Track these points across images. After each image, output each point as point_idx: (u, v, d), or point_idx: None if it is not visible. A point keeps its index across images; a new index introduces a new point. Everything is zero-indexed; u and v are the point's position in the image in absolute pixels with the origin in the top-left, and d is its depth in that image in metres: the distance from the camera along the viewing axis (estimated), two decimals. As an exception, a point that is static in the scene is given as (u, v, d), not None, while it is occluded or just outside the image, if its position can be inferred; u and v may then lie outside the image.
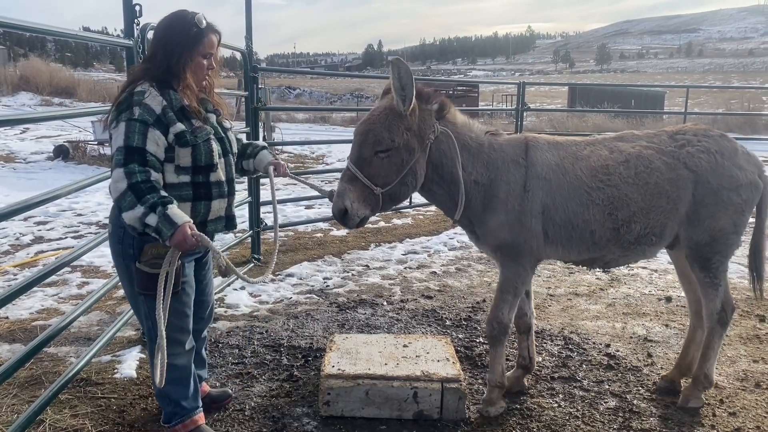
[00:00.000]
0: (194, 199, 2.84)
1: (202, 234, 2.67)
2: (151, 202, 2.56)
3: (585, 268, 3.59)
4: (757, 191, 3.39)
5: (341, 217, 3.07)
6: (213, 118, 2.98)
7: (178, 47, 2.77)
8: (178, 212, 2.61)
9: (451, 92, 34.42)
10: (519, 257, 3.31)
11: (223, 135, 2.99)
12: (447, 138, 3.18)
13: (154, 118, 2.67)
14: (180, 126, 2.74)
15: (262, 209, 6.56)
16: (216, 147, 2.88)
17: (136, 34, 3.97)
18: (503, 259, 3.36)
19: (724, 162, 3.31)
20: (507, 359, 4.07)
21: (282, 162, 3.24)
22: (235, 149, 3.11)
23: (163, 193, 2.64)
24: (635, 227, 3.29)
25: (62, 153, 13.79)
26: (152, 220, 2.55)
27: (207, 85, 2.98)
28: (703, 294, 3.51)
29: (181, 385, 3.03)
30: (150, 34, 4.09)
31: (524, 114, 9.86)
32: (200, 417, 3.14)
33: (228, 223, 3.03)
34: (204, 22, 2.82)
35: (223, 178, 2.92)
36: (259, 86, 6.80)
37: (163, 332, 2.67)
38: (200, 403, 3.18)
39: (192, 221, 2.64)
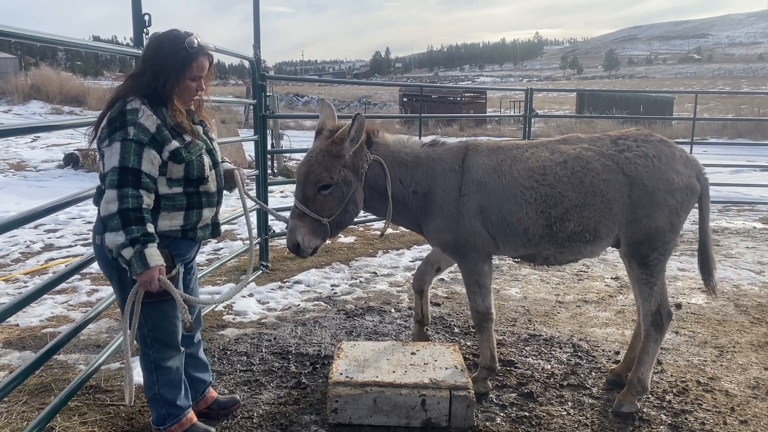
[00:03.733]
0: (188, 208, 2.88)
1: (169, 282, 2.71)
2: (133, 237, 2.59)
3: (530, 264, 3.84)
4: (693, 193, 3.52)
5: (295, 250, 3.39)
6: (200, 130, 2.98)
7: (165, 70, 2.74)
8: (155, 254, 2.65)
9: (458, 99, 34.42)
10: (466, 254, 3.57)
11: (211, 147, 3.02)
12: (379, 163, 3.51)
13: (149, 138, 2.66)
14: (175, 143, 2.74)
15: (269, 217, 6.57)
16: (207, 160, 2.92)
17: (145, 43, 4.00)
18: (453, 257, 3.67)
19: (660, 166, 3.45)
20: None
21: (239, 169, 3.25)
22: (220, 159, 3.13)
23: (149, 228, 2.65)
24: (568, 225, 3.47)
25: (72, 161, 13.89)
26: (128, 253, 2.59)
27: (195, 103, 2.98)
28: (639, 293, 3.58)
29: (174, 386, 3.08)
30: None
31: (532, 120, 9.85)
32: (193, 415, 3.19)
33: (214, 230, 3.08)
34: (195, 44, 2.77)
35: (213, 189, 2.98)
36: (267, 94, 6.84)
37: (129, 348, 2.83)
38: (191, 402, 3.23)
39: (164, 266, 2.69)
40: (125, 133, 2.63)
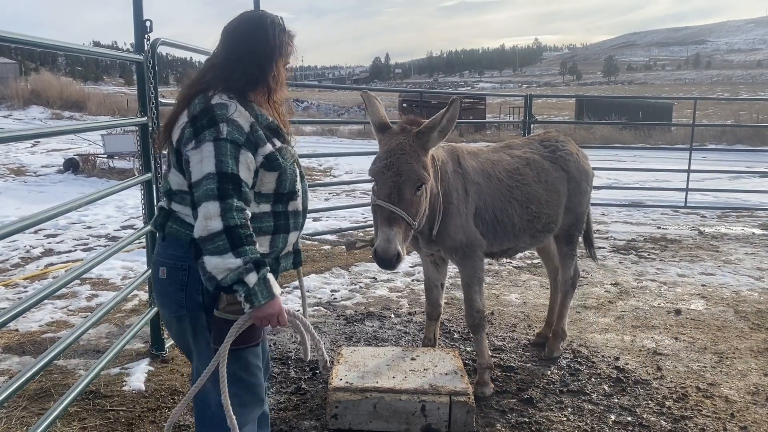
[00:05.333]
0: (275, 232, 2.32)
1: (298, 314, 2.22)
2: (254, 258, 2.05)
3: (494, 260, 4.19)
4: (593, 179, 4.32)
5: (393, 261, 2.85)
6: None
7: (272, 56, 2.27)
8: (274, 281, 2.16)
9: (458, 104, 34.42)
10: (474, 252, 3.67)
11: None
12: (431, 160, 3.23)
13: (244, 138, 2.14)
14: (269, 147, 2.23)
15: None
16: (298, 171, 2.42)
17: (146, 49, 4.01)
18: (461, 258, 3.67)
19: (578, 159, 4.15)
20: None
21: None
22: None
23: (260, 248, 2.15)
24: (543, 218, 3.90)
25: (72, 166, 13.90)
26: (252, 279, 2.04)
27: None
28: (563, 264, 4.31)
29: None
30: (161, 50, 4.14)
31: (532, 126, 9.88)
32: None
33: (296, 257, 2.52)
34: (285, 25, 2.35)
35: (301, 208, 2.44)
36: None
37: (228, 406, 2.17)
38: None
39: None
40: (217, 131, 2.09)
